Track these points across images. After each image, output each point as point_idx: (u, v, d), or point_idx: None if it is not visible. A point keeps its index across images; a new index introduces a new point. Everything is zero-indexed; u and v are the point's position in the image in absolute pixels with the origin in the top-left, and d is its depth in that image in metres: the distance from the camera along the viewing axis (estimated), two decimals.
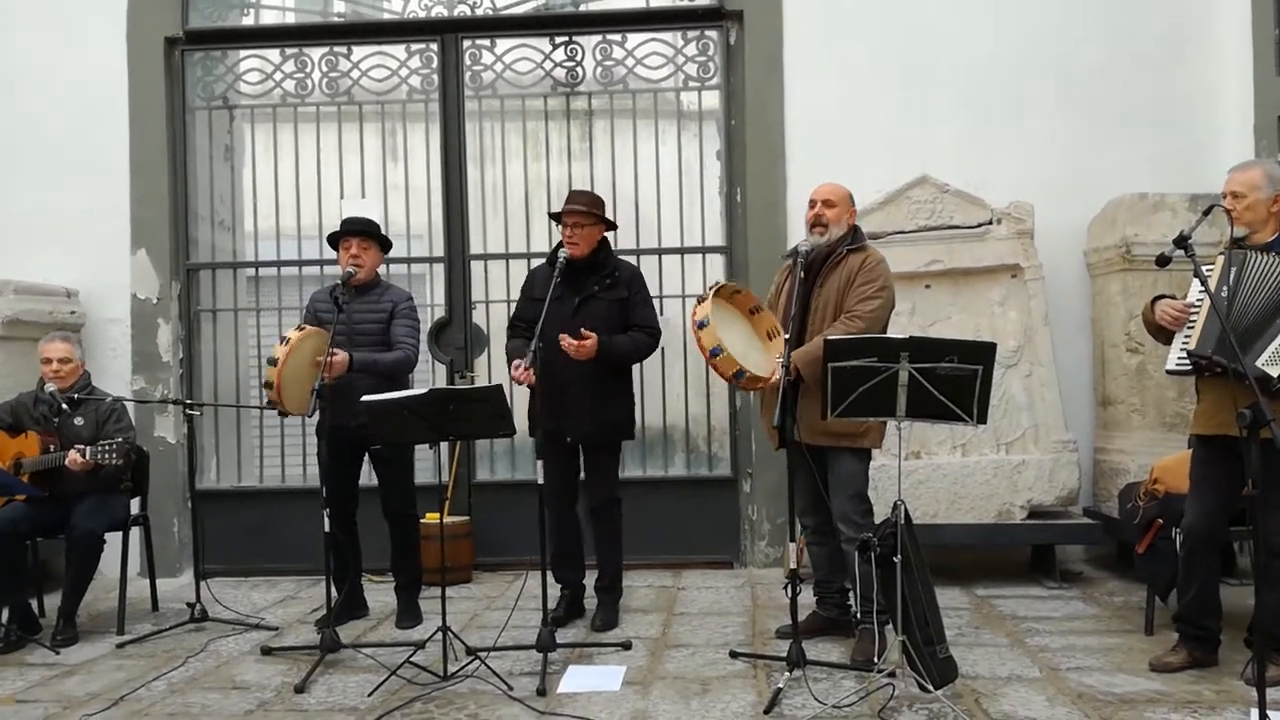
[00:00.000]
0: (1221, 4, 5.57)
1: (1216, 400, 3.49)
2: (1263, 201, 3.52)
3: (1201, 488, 3.65)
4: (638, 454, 5.87)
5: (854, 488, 3.94)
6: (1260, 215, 3.53)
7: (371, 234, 4.56)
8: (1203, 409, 3.63)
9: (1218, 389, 3.48)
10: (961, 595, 4.94)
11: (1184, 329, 3.51)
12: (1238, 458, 3.29)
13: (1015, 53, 5.63)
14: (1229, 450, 3.42)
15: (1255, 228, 3.55)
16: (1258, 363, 3.32)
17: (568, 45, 5.97)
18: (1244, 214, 3.53)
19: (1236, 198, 3.55)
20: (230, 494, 5.95)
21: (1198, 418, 3.68)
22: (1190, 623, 3.70)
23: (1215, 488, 3.61)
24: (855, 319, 3.87)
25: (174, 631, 4.55)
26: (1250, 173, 3.57)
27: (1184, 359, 3.49)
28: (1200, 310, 3.47)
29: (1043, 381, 5.26)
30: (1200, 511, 3.64)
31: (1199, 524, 3.63)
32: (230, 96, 6.14)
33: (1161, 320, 3.57)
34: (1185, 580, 3.71)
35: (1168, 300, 3.60)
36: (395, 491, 4.56)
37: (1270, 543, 3.36)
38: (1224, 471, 3.55)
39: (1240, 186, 3.55)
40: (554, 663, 3.81)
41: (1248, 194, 3.53)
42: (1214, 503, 3.62)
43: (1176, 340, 3.54)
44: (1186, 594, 3.70)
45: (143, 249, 5.87)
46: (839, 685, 3.58)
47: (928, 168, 5.40)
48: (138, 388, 5.79)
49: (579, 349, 4.19)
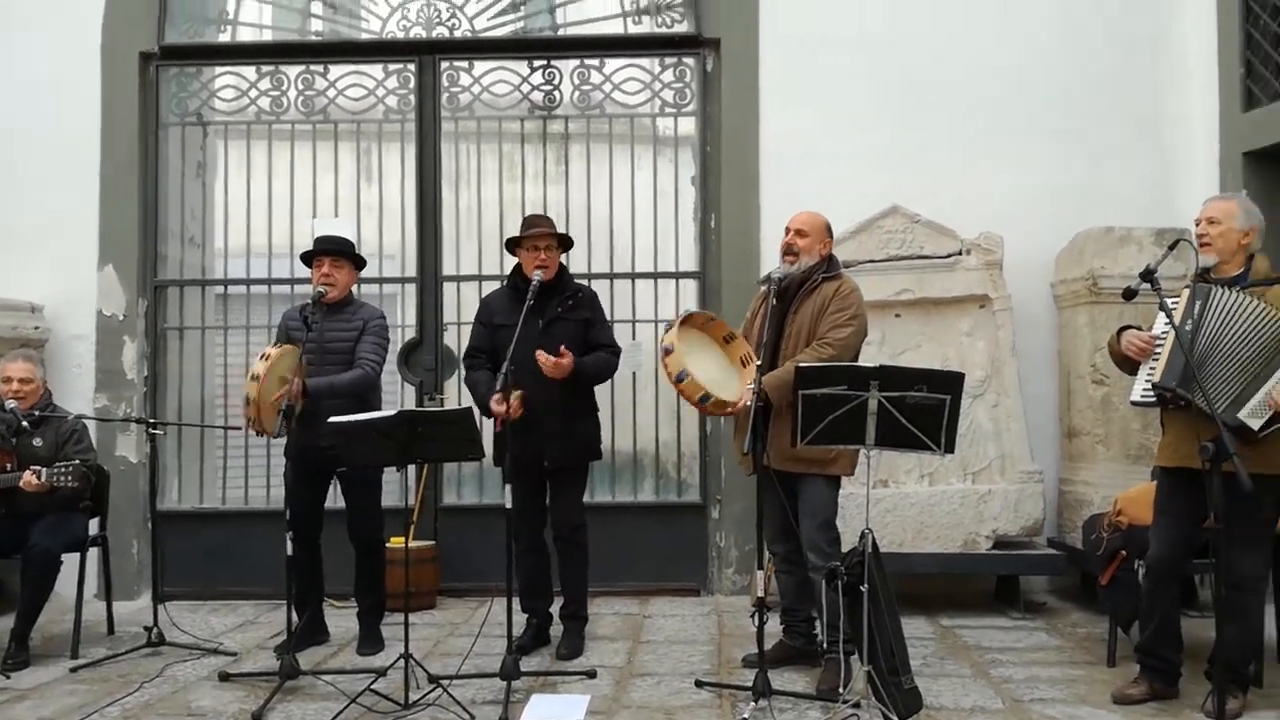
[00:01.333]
0: (1190, 43, 5.67)
1: (1180, 433, 3.53)
2: (1235, 232, 3.56)
3: (1165, 519, 3.68)
4: (606, 479, 5.85)
5: (823, 515, 3.94)
6: (1231, 245, 3.57)
7: (345, 253, 4.54)
8: (1167, 441, 3.67)
9: (1182, 422, 3.52)
10: (927, 625, 4.94)
11: (1149, 361, 3.55)
12: (1201, 490, 3.33)
13: (988, 87, 5.71)
14: (1192, 483, 3.45)
15: (1224, 258, 3.58)
16: (1240, 414, 3.34)
17: (546, 69, 5.98)
18: (1216, 240, 3.57)
19: (1211, 223, 3.59)
20: (192, 515, 5.86)
21: (1162, 450, 3.71)
22: (1151, 654, 3.72)
23: (1179, 520, 3.63)
24: (827, 346, 3.89)
25: (130, 656, 4.46)
26: (1228, 203, 3.64)
27: (1149, 391, 3.52)
28: (1165, 342, 3.51)
29: (1009, 412, 5.30)
30: (1164, 543, 3.66)
31: (1162, 555, 3.66)
32: (205, 113, 6.10)
33: (1127, 351, 3.61)
34: (1147, 611, 3.73)
35: (1133, 331, 3.64)
36: (362, 515, 4.51)
37: (1232, 576, 3.38)
38: (1187, 504, 3.58)
39: (1217, 213, 3.59)
40: (518, 691, 3.76)
41: (1223, 220, 3.57)
42: (1177, 534, 3.65)
43: (1141, 372, 3.58)
44: (1148, 625, 3.73)
45: (110, 264, 5.79)
46: (804, 716, 3.56)
47: (900, 198, 5.45)
48: (101, 405, 5.70)
49: (556, 366, 4.18)
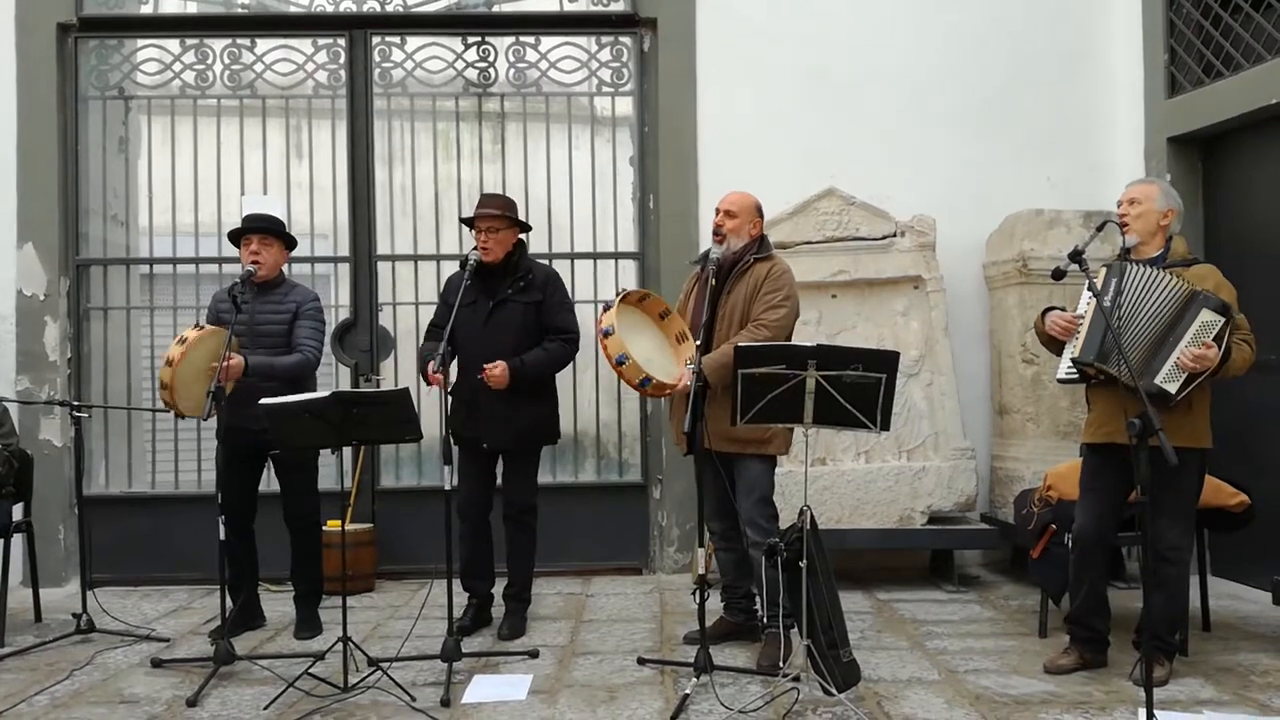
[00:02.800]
0: (1116, 31, 5.81)
1: (1106, 409, 3.64)
2: (1155, 213, 3.70)
3: (1091, 494, 3.79)
4: (549, 459, 5.82)
5: (760, 492, 3.98)
6: (1151, 226, 3.71)
7: (274, 231, 4.44)
8: (1093, 418, 3.77)
9: (1107, 398, 3.63)
10: (864, 599, 5.02)
11: (1072, 339, 3.65)
12: (1126, 465, 3.44)
13: (924, 73, 5.78)
14: (1117, 458, 3.56)
15: (1145, 238, 3.71)
16: (1155, 380, 3.46)
17: (480, 46, 5.90)
18: (1136, 221, 3.70)
19: (1132, 204, 3.73)
20: (120, 500, 5.70)
21: (1088, 427, 3.81)
22: (1081, 624, 3.83)
23: (1104, 494, 3.75)
24: (762, 327, 3.92)
25: (58, 643, 4.34)
26: (1149, 186, 3.79)
27: (1072, 368, 3.63)
28: (1085, 320, 3.61)
29: (943, 390, 5.40)
30: (1090, 517, 3.77)
31: (1088, 528, 3.77)
32: (126, 87, 5.90)
33: (1051, 331, 3.72)
34: (1075, 583, 3.85)
35: (1057, 312, 3.74)
36: (297, 498, 4.44)
37: (1158, 547, 3.50)
38: (1113, 479, 3.70)
39: (1138, 195, 3.74)
40: (459, 672, 3.75)
41: (1143, 202, 3.71)
42: (1103, 508, 3.76)
43: (1066, 351, 3.68)
44: (1076, 597, 3.84)
45: (29, 243, 5.59)
46: (745, 690, 3.61)
47: (836, 180, 5.50)
48: (22, 388, 5.52)
49: (491, 379, 4.17)
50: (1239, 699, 3.49)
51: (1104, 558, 3.87)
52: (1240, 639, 4.23)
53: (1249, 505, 4.17)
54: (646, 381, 3.83)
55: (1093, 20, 5.85)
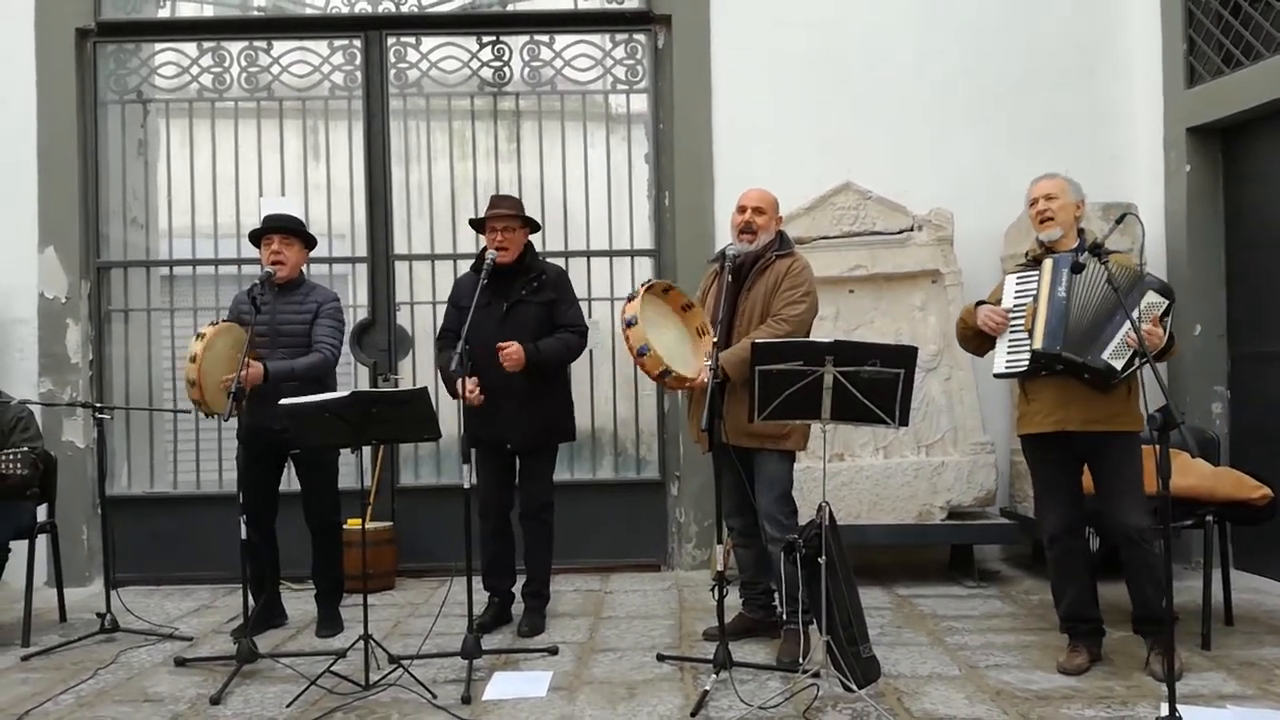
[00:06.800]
0: (1134, 21, 5.76)
1: (1053, 398, 3.63)
2: (1070, 205, 3.75)
3: (1050, 490, 3.78)
4: (565, 457, 5.82)
5: (779, 488, 3.97)
6: (1068, 219, 3.74)
7: (294, 231, 4.46)
8: (1036, 408, 3.71)
9: (1050, 388, 3.63)
10: (883, 595, 5.01)
11: (1007, 334, 3.66)
12: (1072, 453, 3.54)
13: (940, 65, 5.75)
14: (1064, 447, 3.60)
15: (1065, 230, 3.73)
16: (1103, 355, 3.47)
17: (495, 45, 5.92)
18: (1058, 214, 3.73)
19: (1050, 199, 3.74)
20: (143, 500, 5.76)
21: (1030, 418, 3.74)
22: (1080, 619, 3.79)
23: (1063, 487, 3.74)
24: (781, 323, 3.91)
25: (83, 643, 4.39)
26: (1058, 180, 3.81)
27: (1016, 361, 3.62)
28: (1025, 314, 3.60)
29: (961, 385, 5.37)
30: (1057, 516, 3.75)
31: (1058, 526, 3.75)
32: (145, 90, 5.94)
33: (984, 325, 3.71)
34: (1061, 582, 3.80)
35: (988, 307, 3.73)
36: (318, 497, 4.47)
37: (1127, 534, 3.52)
38: (1065, 470, 3.71)
39: (1053, 189, 3.76)
40: (479, 669, 3.76)
41: (1059, 195, 3.74)
42: (1067, 502, 3.74)
43: (1000, 345, 3.69)
44: (1065, 596, 3.79)
45: (51, 246, 5.65)
46: (765, 686, 3.60)
47: (853, 174, 5.48)
48: (45, 390, 5.58)
49: (506, 358, 4.18)
50: (1263, 693, 3.45)
51: (1082, 550, 3.80)
52: (1264, 633, 4.19)
53: (1272, 498, 4.13)
54: (667, 374, 3.84)
55: (1111, 10, 5.80)
